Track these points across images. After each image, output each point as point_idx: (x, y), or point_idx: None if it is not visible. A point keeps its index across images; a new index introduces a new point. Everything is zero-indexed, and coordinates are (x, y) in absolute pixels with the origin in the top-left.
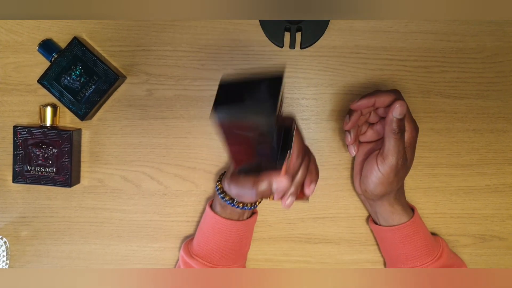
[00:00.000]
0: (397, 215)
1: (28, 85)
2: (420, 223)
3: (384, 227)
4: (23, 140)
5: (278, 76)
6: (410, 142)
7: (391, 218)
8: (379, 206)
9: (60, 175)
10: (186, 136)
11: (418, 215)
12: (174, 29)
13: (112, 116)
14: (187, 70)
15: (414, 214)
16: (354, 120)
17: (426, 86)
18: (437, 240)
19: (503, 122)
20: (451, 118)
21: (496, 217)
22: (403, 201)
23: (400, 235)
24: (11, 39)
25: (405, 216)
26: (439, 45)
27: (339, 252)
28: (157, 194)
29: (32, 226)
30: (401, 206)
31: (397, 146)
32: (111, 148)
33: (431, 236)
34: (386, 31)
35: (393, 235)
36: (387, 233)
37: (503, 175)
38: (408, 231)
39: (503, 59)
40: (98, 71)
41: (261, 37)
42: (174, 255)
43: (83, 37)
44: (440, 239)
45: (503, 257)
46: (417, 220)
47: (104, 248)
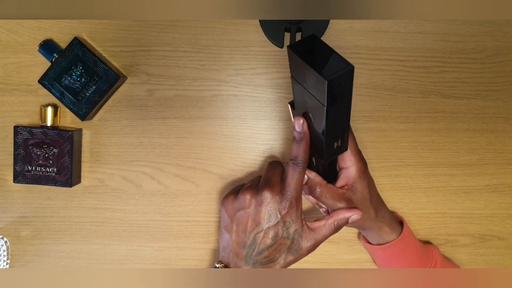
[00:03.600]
0: (385, 234)
1: (29, 85)
2: (410, 238)
3: (375, 246)
4: (24, 140)
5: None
6: (359, 175)
7: (381, 238)
8: (368, 231)
9: (61, 175)
10: (186, 136)
11: (407, 230)
12: (175, 30)
13: (112, 116)
14: (187, 70)
15: (402, 229)
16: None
17: (426, 86)
18: (429, 250)
19: (503, 122)
20: (451, 118)
21: (496, 217)
22: (388, 219)
23: (390, 252)
24: (12, 39)
25: (393, 234)
26: (439, 45)
27: (339, 252)
28: (157, 194)
29: (33, 226)
30: (388, 226)
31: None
32: (111, 148)
33: (422, 249)
34: (386, 31)
35: (384, 253)
36: (378, 252)
37: (503, 175)
38: (398, 248)
39: (503, 59)
40: (99, 71)
41: (261, 37)
42: (174, 254)
43: (83, 37)
44: (432, 248)
45: (502, 257)
46: (406, 235)
47: (104, 248)
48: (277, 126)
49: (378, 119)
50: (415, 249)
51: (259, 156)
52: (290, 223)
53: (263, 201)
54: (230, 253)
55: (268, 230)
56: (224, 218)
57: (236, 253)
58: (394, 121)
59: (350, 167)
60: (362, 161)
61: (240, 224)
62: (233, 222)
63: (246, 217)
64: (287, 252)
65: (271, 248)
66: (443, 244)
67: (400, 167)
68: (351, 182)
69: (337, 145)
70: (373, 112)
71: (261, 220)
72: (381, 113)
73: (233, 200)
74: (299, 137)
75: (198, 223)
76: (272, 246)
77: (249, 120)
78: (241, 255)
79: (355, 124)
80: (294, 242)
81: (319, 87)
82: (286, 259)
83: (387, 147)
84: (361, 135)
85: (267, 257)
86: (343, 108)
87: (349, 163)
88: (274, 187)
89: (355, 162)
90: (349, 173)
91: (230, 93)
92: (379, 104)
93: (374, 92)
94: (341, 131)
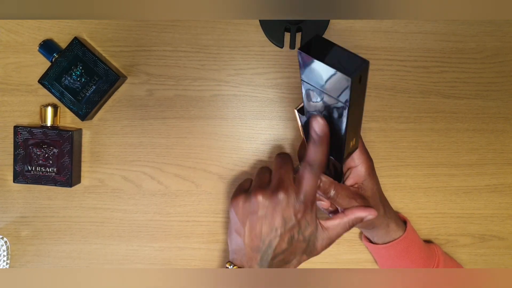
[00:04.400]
0: (392, 231)
1: (29, 85)
2: (414, 236)
3: (379, 245)
4: (24, 140)
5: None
6: (368, 172)
7: (387, 235)
8: (376, 229)
9: (61, 175)
10: (187, 136)
11: (410, 228)
12: (175, 30)
13: (112, 116)
14: (187, 70)
15: (407, 227)
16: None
17: (426, 86)
18: (432, 249)
19: (503, 122)
20: (451, 118)
21: (496, 217)
22: (394, 216)
23: (394, 251)
24: (12, 39)
25: (399, 231)
26: (439, 45)
27: (339, 252)
28: (157, 194)
29: (33, 226)
30: (394, 222)
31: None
32: (111, 148)
33: (425, 247)
34: (386, 31)
35: (388, 252)
36: (382, 251)
37: (503, 175)
38: (402, 246)
39: (503, 59)
40: (99, 71)
41: (261, 37)
42: (174, 254)
43: (83, 37)
44: (434, 247)
45: (502, 257)
46: (410, 233)
47: (104, 248)
48: (277, 126)
49: (378, 119)
50: (419, 248)
51: (259, 156)
52: (306, 226)
53: (278, 205)
54: (244, 256)
55: (284, 235)
56: (234, 221)
57: (250, 257)
58: (394, 121)
59: (359, 166)
60: (369, 158)
61: (254, 229)
62: (245, 225)
63: (260, 221)
64: (302, 254)
65: (287, 252)
66: (443, 244)
67: (400, 167)
68: (361, 180)
69: (352, 144)
70: (373, 112)
71: (276, 224)
72: (381, 113)
73: (244, 201)
74: (319, 140)
75: (198, 223)
76: (288, 250)
77: (249, 120)
78: (255, 259)
79: None
80: (310, 244)
81: (341, 86)
82: (300, 260)
83: (387, 147)
84: (361, 135)
85: (282, 260)
86: (361, 105)
87: (357, 162)
88: (289, 189)
89: (364, 160)
90: (359, 172)
91: (230, 93)
92: (379, 104)
93: (374, 92)
94: (357, 129)
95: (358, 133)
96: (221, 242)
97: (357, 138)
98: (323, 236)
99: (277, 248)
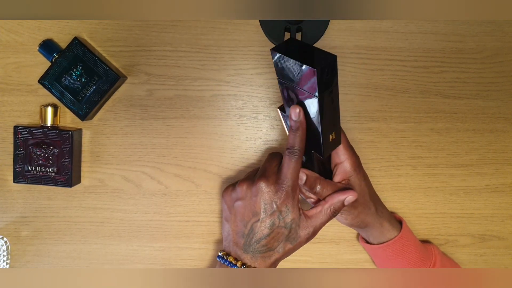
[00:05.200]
0: (386, 231)
1: (29, 85)
2: (410, 236)
3: (374, 245)
4: (24, 140)
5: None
6: (354, 168)
7: (382, 235)
8: (369, 229)
9: (61, 175)
10: (187, 136)
11: (406, 228)
12: (175, 30)
13: (112, 116)
14: (187, 70)
15: (402, 227)
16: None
17: (426, 86)
18: (429, 249)
19: (503, 122)
20: (451, 118)
21: (496, 217)
22: (387, 215)
23: (390, 251)
24: (12, 39)
25: (394, 230)
26: (439, 45)
27: (339, 252)
28: (157, 194)
29: (33, 226)
30: (388, 222)
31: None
32: (111, 148)
33: (422, 247)
34: (386, 31)
35: (384, 252)
36: (378, 251)
37: (503, 175)
38: (398, 246)
39: (503, 59)
40: (99, 71)
41: (261, 37)
42: (174, 254)
43: (83, 37)
44: (432, 247)
45: (502, 257)
46: (406, 234)
47: (104, 248)
48: (277, 126)
49: (378, 119)
50: (415, 247)
51: (259, 156)
52: (287, 212)
53: (258, 192)
54: (230, 242)
55: (265, 219)
56: (224, 209)
57: (235, 242)
58: (394, 121)
59: (344, 162)
60: (355, 155)
61: (238, 214)
62: (232, 212)
63: (243, 207)
64: (286, 241)
65: (269, 237)
66: (443, 244)
67: (400, 167)
68: (348, 176)
69: (332, 138)
70: (373, 112)
71: (257, 210)
72: (381, 113)
73: (231, 191)
74: (296, 126)
75: (198, 223)
76: (270, 235)
77: (249, 120)
78: (240, 244)
79: (355, 124)
80: (292, 231)
81: (309, 78)
82: (285, 248)
83: (387, 147)
84: (361, 135)
85: (265, 245)
86: (333, 98)
87: (343, 158)
88: (270, 177)
89: (349, 156)
90: (344, 167)
91: (230, 93)
92: (379, 104)
93: (374, 92)
94: (333, 123)
95: (337, 126)
96: (221, 242)
97: (337, 132)
98: (306, 224)
99: (259, 233)
